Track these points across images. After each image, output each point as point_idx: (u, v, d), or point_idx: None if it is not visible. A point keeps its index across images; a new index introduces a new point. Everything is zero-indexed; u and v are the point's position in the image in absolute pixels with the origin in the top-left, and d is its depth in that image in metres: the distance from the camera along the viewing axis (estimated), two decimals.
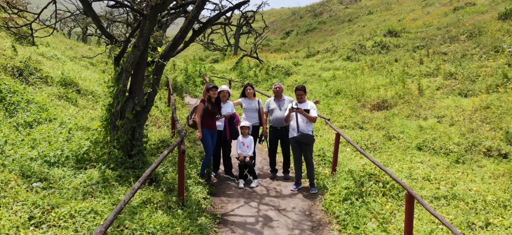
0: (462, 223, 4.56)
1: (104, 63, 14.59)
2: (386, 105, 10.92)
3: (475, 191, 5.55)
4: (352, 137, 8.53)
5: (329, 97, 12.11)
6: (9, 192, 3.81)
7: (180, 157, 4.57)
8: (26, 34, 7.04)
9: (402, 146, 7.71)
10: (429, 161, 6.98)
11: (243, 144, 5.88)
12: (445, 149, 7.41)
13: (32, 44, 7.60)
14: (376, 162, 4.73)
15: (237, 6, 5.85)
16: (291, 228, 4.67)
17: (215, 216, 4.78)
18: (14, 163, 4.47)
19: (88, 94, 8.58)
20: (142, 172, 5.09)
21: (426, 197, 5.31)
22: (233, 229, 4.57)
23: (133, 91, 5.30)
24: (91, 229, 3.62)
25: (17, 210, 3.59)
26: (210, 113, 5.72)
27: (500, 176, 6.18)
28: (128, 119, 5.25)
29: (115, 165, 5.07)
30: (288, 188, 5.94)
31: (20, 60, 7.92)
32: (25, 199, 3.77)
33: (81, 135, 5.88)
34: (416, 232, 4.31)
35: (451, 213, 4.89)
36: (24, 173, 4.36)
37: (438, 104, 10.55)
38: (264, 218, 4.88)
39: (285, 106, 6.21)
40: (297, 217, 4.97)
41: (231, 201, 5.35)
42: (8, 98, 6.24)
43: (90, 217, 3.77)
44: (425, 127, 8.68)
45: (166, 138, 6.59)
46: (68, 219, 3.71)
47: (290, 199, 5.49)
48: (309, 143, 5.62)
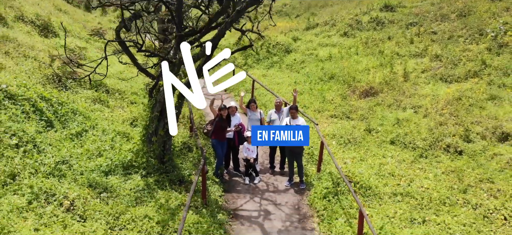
0: (406, 218, 6.35)
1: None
2: (373, 92, 12.36)
3: (425, 188, 7.29)
4: (339, 127, 10.15)
5: (323, 81, 13.51)
6: (89, 205, 5.54)
7: (203, 175, 6.27)
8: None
9: (378, 140, 9.35)
10: (398, 156, 8.66)
11: (248, 149, 7.56)
12: (413, 144, 9.04)
13: (91, 86, 9.06)
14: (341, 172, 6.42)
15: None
16: (284, 220, 6.51)
17: (228, 212, 6.61)
18: (83, 178, 6.16)
19: (115, 93, 10.07)
20: (173, 175, 6.87)
21: (386, 193, 7.06)
22: (242, 222, 6.42)
23: (164, 114, 6.86)
24: (147, 230, 5.41)
25: (98, 219, 5.36)
26: (221, 127, 7.34)
27: (450, 173, 7.88)
28: (160, 135, 6.88)
29: (152, 171, 6.79)
30: (283, 183, 7.73)
31: (57, 68, 9.31)
32: (101, 209, 5.52)
33: (122, 142, 7.52)
34: (373, 223, 6.10)
35: (402, 208, 6.67)
36: (91, 184, 6.09)
37: (419, 91, 11.99)
38: (264, 212, 6.72)
39: (283, 117, 7.77)
40: (288, 210, 6.80)
41: (239, 197, 7.17)
42: (59, 111, 7.79)
43: (146, 221, 5.55)
44: (401, 119, 10.22)
45: (186, 140, 8.26)
46: (131, 222, 5.49)
47: (284, 194, 7.30)
48: (299, 151, 7.31)
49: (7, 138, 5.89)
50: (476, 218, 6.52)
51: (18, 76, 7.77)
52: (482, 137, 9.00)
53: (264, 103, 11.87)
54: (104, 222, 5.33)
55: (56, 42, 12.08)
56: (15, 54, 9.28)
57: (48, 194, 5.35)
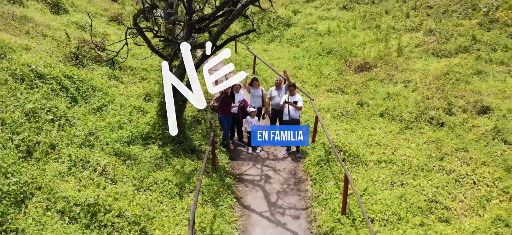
0: (387, 182, 7.43)
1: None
2: (367, 67, 13.21)
3: (407, 156, 8.33)
4: (334, 101, 11.10)
5: (321, 56, 14.31)
6: (118, 170, 6.60)
7: (213, 145, 7.30)
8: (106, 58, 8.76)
9: (369, 113, 10.33)
10: (386, 127, 9.67)
11: (251, 122, 8.55)
12: (400, 116, 10.02)
13: (112, 68, 9.78)
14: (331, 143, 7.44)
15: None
16: (282, 183, 7.61)
17: (235, 176, 7.70)
18: (109, 147, 7.19)
19: (127, 69, 10.93)
20: (185, 145, 7.91)
21: (372, 161, 8.12)
22: (246, 184, 7.52)
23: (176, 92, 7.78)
24: (168, 189, 6.49)
25: (126, 182, 6.43)
26: (226, 103, 8.30)
27: (431, 142, 8.90)
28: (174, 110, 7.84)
29: (168, 141, 7.82)
30: (281, 152, 8.79)
31: (74, 46, 10.13)
32: (127, 174, 6.59)
33: (138, 116, 8.50)
34: (357, 186, 7.19)
35: (385, 173, 7.75)
36: (116, 153, 7.12)
37: (410, 66, 12.83)
38: (265, 176, 7.81)
39: (282, 94, 8.70)
40: (286, 175, 7.90)
41: (243, 164, 8.25)
42: (81, 88, 8.72)
43: (166, 183, 6.63)
44: (392, 93, 11.14)
45: (195, 114, 9.25)
46: (154, 185, 6.58)
47: (282, 162, 8.38)
48: (297, 124, 8.30)
49: (44, 114, 6.87)
50: (449, 182, 7.59)
51: (42, 57, 8.63)
52: (463, 110, 9.94)
53: (264, 79, 12.75)
54: (131, 184, 6.42)
55: (68, 19, 12.81)
56: (34, 33, 10.07)
57: (83, 161, 6.40)
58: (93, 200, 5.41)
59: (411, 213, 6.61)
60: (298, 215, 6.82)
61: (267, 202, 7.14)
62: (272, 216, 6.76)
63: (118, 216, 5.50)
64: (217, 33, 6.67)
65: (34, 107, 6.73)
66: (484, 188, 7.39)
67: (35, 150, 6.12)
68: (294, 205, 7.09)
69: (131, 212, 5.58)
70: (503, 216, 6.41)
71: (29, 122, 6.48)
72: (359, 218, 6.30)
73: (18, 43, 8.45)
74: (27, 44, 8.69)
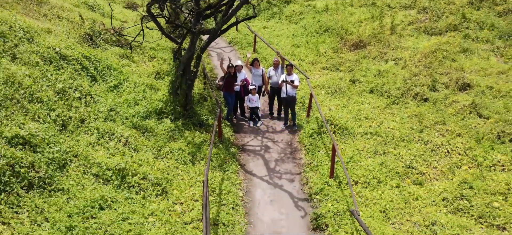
0: (371, 151, 8.62)
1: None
2: (361, 45, 14.13)
3: (391, 128, 9.47)
4: (328, 79, 12.14)
5: (319, 34, 15.20)
6: (138, 141, 7.76)
7: (219, 119, 8.43)
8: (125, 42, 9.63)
9: (360, 89, 11.39)
10: (374, 103, 10.76)
11: (252, 99, 9.66)
12: (388, 92, 11.09)
13: (130, 51, 10.64)
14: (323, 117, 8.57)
15: None
16: (279, 152, 8.81)
17: (238, 147, 8.89)
18: (128, 121, 8.32)
19: (136, 49, 11.90)
20: (194, 119, 9.05)
21: (359, 133, 9.28)
22: (248, 153, 8.72)
23: (186, 72, 8.86)
24: (182, 157, 7.68)
25: (146, 151, 7.61)
26: (230, 82, 9.37)
27: (414, 116, 10.02)
28: (183, 89, 8.94)
29: (179, 116, 8.95)
30: (279, 125, 9.95)
31: (88, 27, 11.06)
32: (147, 144, 7.76)
33: (151, 93, 9.58)
34: (343, 154, 8.38)
35: (370, 144, 8.92)
36: (135, 126, 8.27)
37: (402, 44, 13.75)
38: (265, 147, 9.01)
39: (279, 73, 9.74)
40: (283, 145, 9.09)
41: (246, 136, 9.43)
42: (98, 67, 9.75)
43: (180, 152, 7.82)
44: (382, 70, 12.16)
45: (201, 91, 10.34)
46: (169, 153, 7.76)
47: (280, 134, 9.55)
48: (293, 101, 9.41)
49: (72, 92, 7.96)
50: (425, 151, 8.78)
51: (63, 39, 9.61)
52: (446, 87, 11.00)
53: (264, 57, 13.72)
54: (151, 153, 7.60)
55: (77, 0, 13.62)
56: (51, 15, 10.99)
57: (109, 133, 7.56)
58: (122, 165, 6.60)
59: (390, 177, 7.83)
60: (293, 179, 8.06)
61: (267, 168, 8.37)
62: (270, 180, 8.00)
63: (143, 178, 6.71)
64: (222, 21, 7.65)
65: (64, 87, 7.82)
66: (456, 156, 8.58)
67: (68, 124, 7.26)
68: (289, 170, 8.32)
69: (153, 175, 6.79)
70: (469, 180, 7.63)
71: (61, 99, 7.59)
72: (344, 181, 7.52)
73: (40, 27, 9.40)
74: (49, 27, 9.64)
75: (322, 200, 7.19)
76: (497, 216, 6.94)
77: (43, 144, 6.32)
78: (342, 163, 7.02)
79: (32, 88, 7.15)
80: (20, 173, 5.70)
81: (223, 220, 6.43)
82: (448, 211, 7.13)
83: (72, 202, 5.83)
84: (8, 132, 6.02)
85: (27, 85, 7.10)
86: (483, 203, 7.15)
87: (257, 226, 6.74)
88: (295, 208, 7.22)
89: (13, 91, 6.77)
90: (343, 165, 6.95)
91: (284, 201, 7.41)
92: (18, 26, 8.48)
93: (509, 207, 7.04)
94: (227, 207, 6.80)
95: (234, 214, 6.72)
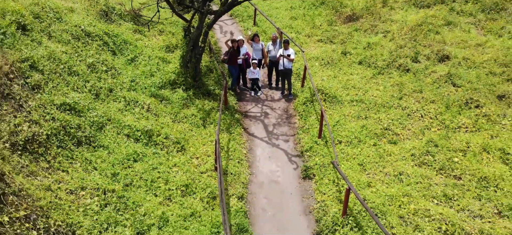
0: (355, 116, 10.31)
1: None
2: (355, 18, 15.52)
3: (375, 96, 11.12)
4: (323, 51, 13.65)
5: (315, 6, 16.52)
6: (158, 108, 9.42)
7: (225, 89, 10.08)
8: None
9: (350, 61, 12.95)
10: (362, 73, 12.34)
11: (253, 72, 11.25)
12: (375, 64, 12.65)
13: (148, 29, 12.02)
14: (314, 87, 10.22)
15: None
16: (277, 117, 10.53)
17: (241, 113, 10.58)
18: (147, 91, 9.95)
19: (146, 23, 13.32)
20: (203, 89, 10.69)
21: (346, 100, 10.94)
22: (250, 119, 10.44)
23: (195, 47, 10.39)
24: (195, 121, 9.39)
25: (165, 116, 9.30)
26: (234, 55, 10.92)
27: (396, 85, 11.64)
28: (193, 62, 10.51)
29: (189, 86, 10.57)
30: (277, 94, 11.61)
31: (103, 4, 12.43)
32: (165, 110, 9.43)
33: (164, 66, 11.14)
34: (331, 119, 10.08)
35: (355, 110, 10.60)
36: (153, 95, 9.90)
37: (392, 17, 15.13)
38: (264, 113, 10.71)
39: (277, 47, 11.27)
40: (280, 112, 10.79)
41: (248, 104, 11.10)
42: (116, 42, 11.24)
43: (193, 117, 9.52)
44: (371, 43, 13.65)
45: (208, 64, 11.90)
46: (184, 118, 9.45)
47: (278, 102, 11.23)
48: (289, 73, 11.02)
49: (100, 65, 9.54)
50: (402, 115, 10.47)
51: (84, 17, 11.04)
52: (427, 58, 12.55)
53: (264, 30, 15.15)
54: (169, 118, 9.30)
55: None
56: None
57: (134, 101, 9.21)
58: (149, 127, 8.32)
59: (369, 137, 9.57)
60: (288, 139, 9.82)
61: (266, 131, 10.11)
62: (269, 140, 9.76)
63: (165, 138, 8.45)
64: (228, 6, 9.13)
65: (93, 61, 9.39)
66: (427, 120, 10.30)
67: (100, 93, 8.90)
68: (285, 132, 10.07)
69: (173, 136, 8.52)
70: (435, 139, 9.36)
71: (92, 72, 9.19)
72: (330, 140, 9.27)
73: (64, 6, 10.81)
74: (72, 6, 11.05)
75: (311, 156, 8.97)
76: (456, 168, 8.72)
77: (85, 109, 7.99)
78: (328, 126, 8.74)
79: (69, 63, 8.72)
80: (70, 133, 7.40)
81: (231, 170, 8.23)
82: (415, 164, 8.91)
83: (112, 156, 7.58)
84: (57, 99, 7.66)
85: (65, 61, 8.67)
86: (445, 158, 8.90)
87: (258, 176, 8.56)
88: (289, 162, 9.02)
89: (55, 66, 8.34)
90: (329, 128, 8.67)
91: (280, 157, 9.20)
92: (48, 6, 9.91)
93: (467, 162, 8.81)
94: (233, 161, 8.58)
95: (240, 167, 8.51)
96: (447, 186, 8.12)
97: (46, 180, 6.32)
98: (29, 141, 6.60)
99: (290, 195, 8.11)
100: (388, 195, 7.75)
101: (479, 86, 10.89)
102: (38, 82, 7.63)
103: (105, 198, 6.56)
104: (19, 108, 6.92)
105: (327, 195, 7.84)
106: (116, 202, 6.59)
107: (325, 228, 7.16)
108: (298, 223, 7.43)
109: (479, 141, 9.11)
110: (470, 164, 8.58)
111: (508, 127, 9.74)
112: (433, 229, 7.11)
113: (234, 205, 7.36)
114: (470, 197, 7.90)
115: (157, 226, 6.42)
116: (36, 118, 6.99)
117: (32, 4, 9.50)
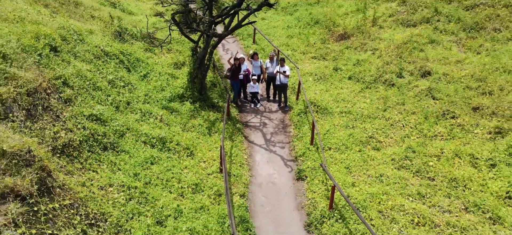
0: (343, 125, 11.83)
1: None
2: (346, 36, 17.15)
3: (362, 108, 12.65)
4: (316, 67, 15.24)
5: (310, 26, 18.20)
6: (169, 118, 10.94)
7: (228, 102, 11.62)
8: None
9: (341, 76, 14.53)
10: (351, 87, 13.90)
11: (253, 87, 12.82)
12: (363, 79, 14.22)
13: (161, 50, 13.64)
14: (307, 101, 11.77)
15: None
16: (274, 127, 12.06)
17: (242, 123, 12.11)
18: (159, 103, 11.47)
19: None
20: (208, 102, 12.23)
21: (336, 112, 12.48)
22: (250, 128, 11.96)
23: (201, 65, 11.96)
24: (201, 130, 10.90)
25: (176, 125, 10.80)
26: (235, 71, 12.51)
27: (381, 98, 13.18)
28: (199, 78, 12.08)
29: (196, 99, 12.11)
30: (274, 107, 13.16)
31: (117, 25, 14.05)
32: (175, 121, 10.95)
33: (173, 81, 12.69)
34: (322, 128, 11.59)
35: (343, 120, 12.12)
36: (164, 107, 11.43)
37: (381, 35, 16.76)
38: (263, 123, 12.23)
39: (274, 64, 12.86)
40: (277, 122, 12.32)
41: (248, 115, 12.64)
42: (130, 60, 12.81)
43: (199, 126, 11.04)
44: (361, 59, 15.25)
45: (212, 79, 13.48)
46: (192, 127, 10.98)
47: (275, 114, 12.77)
48: (285, 87, 12.61)
49: (118, 81, 11.08)
50: (386, 125, 11.98)
51: (102, 38, 12.63)
52: (410, 74, 14.12)
53: (262, 47, 16.78)
54: (179, 127, 10.81)
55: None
56: (87, 16, 13.97)
57: (148, 113, 10.73)
58: (163, 135, 9.82)
59: (355, 144, 11.07)
60: (283, 146, 11.33)
61: (264, 139, 11.61)
62: (267, 147, 11.26)
63: (177, 144, 9.95)
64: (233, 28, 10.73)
65: (113, 78, 10.94)
66: (408, 129, 11.81)
67: (119, 106, 10.42)
68: (281, 140, 11.58)
69: (183, 142, 10.02)
70: (413, 146, 10.85)
71: (112, 87, 10.72)
72: (320, 147, 10.77)
73: (84, 28, 12.41)
74: (91, 28, 12.65)
75: (304, 160, 10.47)
76: (430, 171, 10.18)
77: (108, 120, 9.50)
78: (318, 134, 10.25)
79: (93, 79, 10.26)
80: (98, 139, 8.89)
81: (234, 172, 9.71)
82: (394, 167, 10.39)
83: (133, 159, 9.06)
84: (86, 111, 9.18)
85: (90, 78, 10.21)
86: (421, 162, 10.38)
87: (257, 178, 10.03)
88: (284, 166, 10.51)
89: (82, 82, 9.88)
90: (319, 136, 10.19)
91: (277, 161, 10.68)
92: (72, 29, 11.50)
93: (440, 165, 10.28)
94: (236, 165, 10.07)
95: (241, 169, 10.00)
96: (422, 186, 9.58)
97: (81, 178, 7.79)
98: (66, 145, 8.09)
99: (285, 194, 9.57)
100: (370, 193, 9.21)
101: (456, 99, 12.42)
102: (70, 96, 9.15)
103: (129, 193, 8.02)
104: (57, 119, 8.42)
105: (317, 193, 9.31)
106: (138, 196, 8.05)
107: (314, 220, 8.61)
108: (292, 217, 8.88)
109: (452, 147, 10.57)
110: (443, 167, 10.04)
111: (480, 135, 11.25)
112: (406, 221, 8.54)
113: (237, 201, 8.81)
114: (441, 195, 9.34)
115: (173, 216, 7.87)
116: (70, 126, 8.49)
117: (59, 28, 11.09)
